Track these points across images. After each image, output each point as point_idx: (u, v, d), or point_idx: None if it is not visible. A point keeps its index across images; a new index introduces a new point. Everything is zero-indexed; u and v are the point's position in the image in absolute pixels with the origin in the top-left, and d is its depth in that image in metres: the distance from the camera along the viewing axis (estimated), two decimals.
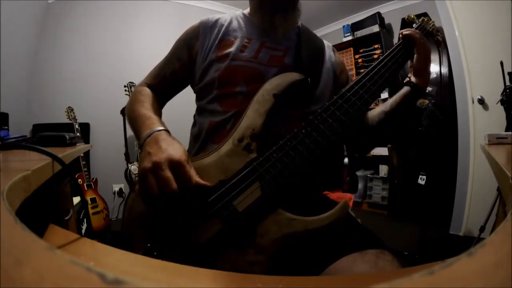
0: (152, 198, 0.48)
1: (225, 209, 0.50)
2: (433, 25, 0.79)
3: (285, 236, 0.48)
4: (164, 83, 0.74)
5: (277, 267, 0.48)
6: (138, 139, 0.58)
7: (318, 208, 0.51)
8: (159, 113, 0.67)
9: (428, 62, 0.68)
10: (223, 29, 0.71)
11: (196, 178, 0.50)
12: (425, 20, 0.79)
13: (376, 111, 0.72)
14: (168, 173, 0.47)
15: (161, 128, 0.57)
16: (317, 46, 0.74)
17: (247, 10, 0.77)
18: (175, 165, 0.48)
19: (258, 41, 0.69)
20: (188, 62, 0.72)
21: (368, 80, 0.61)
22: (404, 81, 0.69)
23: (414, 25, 0.78)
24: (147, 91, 0.72)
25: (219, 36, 0.70)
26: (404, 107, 0.69)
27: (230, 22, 0.72)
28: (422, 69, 0.67)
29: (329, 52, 0.77)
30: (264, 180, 0.52)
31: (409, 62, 0.70)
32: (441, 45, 2.33)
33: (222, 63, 0.66)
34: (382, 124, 0.71)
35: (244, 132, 0.55)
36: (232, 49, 0.67)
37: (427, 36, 0.76)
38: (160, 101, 0.74)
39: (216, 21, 0.73)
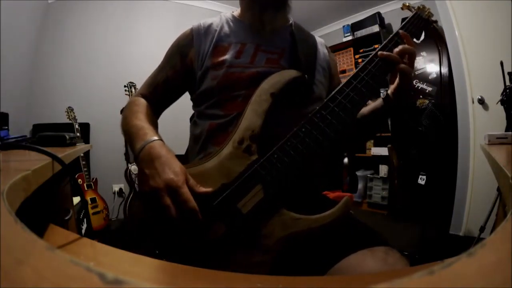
0: (155, 219, 0.51)
1: (229, 212, 0.50)
2: (429, 12, 0.74)
3: (291, 236, 0.49)
4: (157, 92, 0.72)
5: (283, 268, 0.48)
6: (133, 151, 0.57)
7: (318, 208, 0.51)
8: (153, 123, 0.64)
9: (409, 83, 0.65)
10: (216, 35, 0.69)
11: (197, 188, 0.51)
12: (421, 7, 0.75)
13: None
14: (167, 201, 0.47)
15: (154, 138, 0.55)
16: (311, 45, 0.73)
17: (237, 12, 0.75)
18: (173, 190, 0.48)
19: (253, 45, 0.68)
20: (182, 69, 0.70)
21: (366, 75, 0.59)
22: (382, 96, 0.68)
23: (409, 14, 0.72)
24: (140, 101, 0.70)
25: (213, 43, 0.68)
26: (375, 120, 0.70)
27: (222, 27, 0.71)
28: (402, 90, 0.63)
29: (322, 49, 0.76)
30: (266, 182, 0.52)
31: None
32: (438, 35, 2.28)
33: (219, 71, 0.65)
34: (358, 129, 0.72)
35: (244, 134, 0.55)
36: (227, 56, 0.66)
37: (423, 25, 0.71)
38: (155, 111, 0.72)
39: (209, 26, 0.71)
